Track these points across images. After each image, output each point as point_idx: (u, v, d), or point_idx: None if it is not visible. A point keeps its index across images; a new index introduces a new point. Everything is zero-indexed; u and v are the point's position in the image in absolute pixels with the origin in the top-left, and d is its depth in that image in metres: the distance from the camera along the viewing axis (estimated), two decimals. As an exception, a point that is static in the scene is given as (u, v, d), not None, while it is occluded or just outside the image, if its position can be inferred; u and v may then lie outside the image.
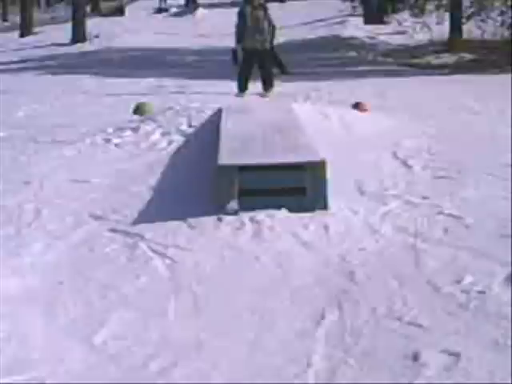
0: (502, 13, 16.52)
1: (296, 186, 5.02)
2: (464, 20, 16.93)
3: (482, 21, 16.60)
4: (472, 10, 17.12)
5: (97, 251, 4.59)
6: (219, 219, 4.86)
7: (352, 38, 19.23)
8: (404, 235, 4.55)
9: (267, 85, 10.43)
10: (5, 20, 37.90)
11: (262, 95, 10.42)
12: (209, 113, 7.51)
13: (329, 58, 16.43)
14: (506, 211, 4.81)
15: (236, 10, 10.87)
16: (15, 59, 18.83)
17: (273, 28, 10.45)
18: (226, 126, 6.47)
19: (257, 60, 10.34)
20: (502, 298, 3.59)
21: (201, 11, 28.13)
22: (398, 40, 18.60)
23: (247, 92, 10.46)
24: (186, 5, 30.43)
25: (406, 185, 5.57)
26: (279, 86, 10.68)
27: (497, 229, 4.53)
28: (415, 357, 3.11)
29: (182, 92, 11.22)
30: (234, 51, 10.40)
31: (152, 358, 3.27)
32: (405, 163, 6.12)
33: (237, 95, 10.27)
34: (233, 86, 10.59)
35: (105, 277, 4.19)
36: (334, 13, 23.26)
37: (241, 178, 5.01)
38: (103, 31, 22.95)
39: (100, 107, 10.24)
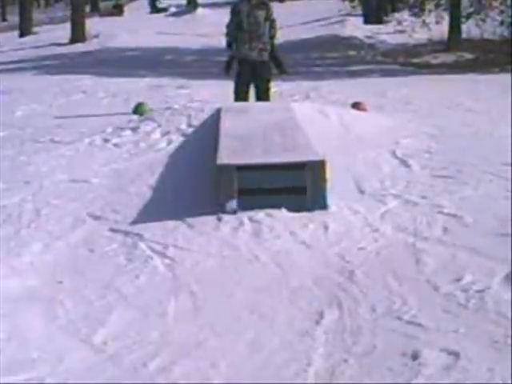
0: (501, 12, 16.53)
1: (295, 186, 5.02)
2: (463, 19, 16.94)
3: (482, 20, 16.60)
4: (471, 9, 17.13)
5: (96, 251, 4.59)
6: (218, 219, 4.86)
7: (351, 37, 19.21)
8: (403, 234, 4.55)
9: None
10: (4, 20, 37.92)
11: None
12: (208, 112, 7.50)
13: (328, 58, 16.43)
14: (505, 210, 4.81)
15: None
16: (14, 59, 18.82)
17: (274, 30, 8.23)
18: (226, 125, 6.47)
19: (252, 73, 8.15)
20: (501, 297, 3.59)
21: (200, 11, 28.12)
22: (397, 39, 18.59)
23: None
24: (188, 3, 30.40)
25: (406, 184, 5.57)
26: (275, 87, 10.25)
27: (496, 228, 4.53)
28: (415, 356, 3.11)
29: (181, 92, 11.22)
30: (230, 58, 8.29)
31: (152, 358, 3.27)
32: (404, 162, 6.12)
33: None
34: (232, 85, 10.55)
35: (104, 276, 4.19)
36: (333, 12, 23.26)
37: (240, 177, 5.01)
38: (102, 31, 22.93)
39: (99, 107, 10.23)
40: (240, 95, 8.20)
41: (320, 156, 5.20)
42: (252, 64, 8.07)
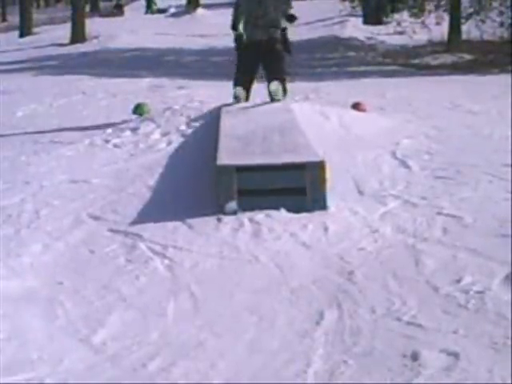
0: (501, 13, 16.54)
1: (295, 187, 5.03)
2: (463, 20, 16.94)
3: (481, 21, 16.61)
4: (471, 10, 17.14)
5: (96, 251, 4.59)
6: (218, 219, 4.86)
7: (351, 38, 19.22)
8: (403, 235, 4.55)
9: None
10: (4, 20, 37.93)
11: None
12: (208, 113, 7.50)
13: (328, 59, 16.44)
14: (505, 211, 4.81)
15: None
16: (14, 59, 18.82)
17: (283, 7, 7.39)
18: (225, 126, 6.47)
19: (260, 56, 7.42)
20: (501, 298, 3.59)
21: (200, 11, 28.12)
22: (397, 40, 18.60)
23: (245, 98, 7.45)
24: (188, 3, 30.38)
25: (406, 185, 5.57)
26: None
27: (496, 229, 4.53)
28: (414, 356, 3.11)
29: (181, 92, 11.21)
30: (237, 36, 7.51)
31: (151, 358, 3.27)
32: (404, 163, 6.12)
33: (233, 101, 7.35)
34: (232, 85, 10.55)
35: (104, 277, 4.19)
36: (334, 13, 23.26)
37: (240, 178, 5.01)
38: (102, 31, 22.93)
39: (99, 107, 10.24)
40: (240, 81, 7.46)
41: (320, 157, 5.20)
42: (257, 45, 7.36)
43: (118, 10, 31.38)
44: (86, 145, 7.31)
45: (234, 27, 7.51)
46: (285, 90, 7.49)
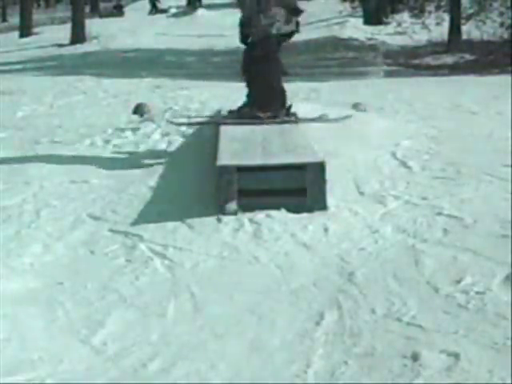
0: (501, 14, 16.55)
1: (295, 187, 5.03)
2: (463, 21, 16.95)
3: (482, 21, 16.62)
4: (471, 10, 17.16)
5: (96, 252, 4.59)
6: (218, 220, 4.86)
7: (351, 38, 19.24)
8: (403, 236, 4.55)
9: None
10: (4, 20, 37.98)
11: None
12: (208, 113, 7.51)
13: (328, 59, 16.44)
14: (505, 212, 4.81)
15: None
16: (15, 59, 18.82)
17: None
18: (226, 126, 6.46)
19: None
20: (501, 299, 3.59)
21: (200, 12, 28.14)
22: (397, 41, 18.61)
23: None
24: (188, 4, 30.41)
25: (406, 185, 5.57)
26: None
27: (496, 229, 4.53)
28: (415, 357, 3.11)
29: (181, 93, 11.22)
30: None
31: (151, 359, 3.27)
32: (404, 164, 6.12)
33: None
34: (232, 86, 10.53)
35: (104, 277, 4.19)
36: (333, 13, 23.27)
37: (240, 178, 5.01)
38: (103, 32, 22.94)
39: (99, 108, 10.23)
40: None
41: (320, 157, 5.20)
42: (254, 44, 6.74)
43: (117, 11, 31.42)
44: (87, 145, 7.32)
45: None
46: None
